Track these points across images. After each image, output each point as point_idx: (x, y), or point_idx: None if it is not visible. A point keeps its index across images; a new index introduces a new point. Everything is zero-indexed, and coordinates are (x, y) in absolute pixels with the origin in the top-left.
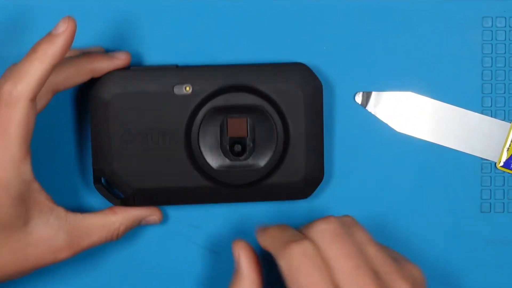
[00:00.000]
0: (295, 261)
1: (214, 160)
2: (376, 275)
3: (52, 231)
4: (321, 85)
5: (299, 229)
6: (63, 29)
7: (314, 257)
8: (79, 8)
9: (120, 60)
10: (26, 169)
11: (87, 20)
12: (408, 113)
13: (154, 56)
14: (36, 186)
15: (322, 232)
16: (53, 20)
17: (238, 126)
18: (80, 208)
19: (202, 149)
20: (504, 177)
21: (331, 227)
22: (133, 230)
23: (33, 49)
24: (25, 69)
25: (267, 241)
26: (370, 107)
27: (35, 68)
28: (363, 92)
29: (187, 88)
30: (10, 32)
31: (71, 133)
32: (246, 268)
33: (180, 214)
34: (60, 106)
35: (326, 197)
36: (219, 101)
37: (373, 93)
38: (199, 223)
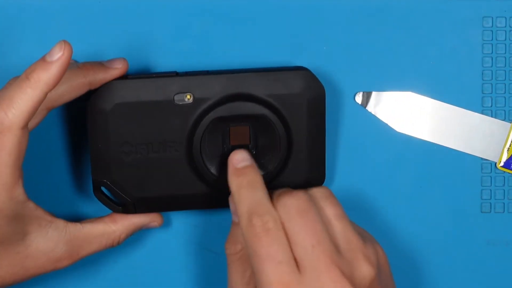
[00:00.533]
0: (255, 233)
1: (216, 168)
2: (337, 253)
3: (51, 243)
4: (323, 90)
5: (272, 192)
6: (58, 56)
7: (274, 230)
8: (76, 10)
9: (116, 69)
10: (19, 193)
11: (83, 23)
12: (408, 113)
13: (153, 58)
14: (31, 205)
15: (288, 206)
16: (51, 20)
17: (241, 134)
18: (80, 217)
19: (204, 157)
20: (504, 177)
21: (297, 202)
22: None
23: (26, 75)
24: (17, 96)
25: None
26: (370, 107)
27: (27, 96)
28: (363, 92)
29: (188, 97)
30: (10, 32)
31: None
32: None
33: (180, 215)
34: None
35: None
36: (221, 111)
37: (373, 93)
38: (199, 224)
